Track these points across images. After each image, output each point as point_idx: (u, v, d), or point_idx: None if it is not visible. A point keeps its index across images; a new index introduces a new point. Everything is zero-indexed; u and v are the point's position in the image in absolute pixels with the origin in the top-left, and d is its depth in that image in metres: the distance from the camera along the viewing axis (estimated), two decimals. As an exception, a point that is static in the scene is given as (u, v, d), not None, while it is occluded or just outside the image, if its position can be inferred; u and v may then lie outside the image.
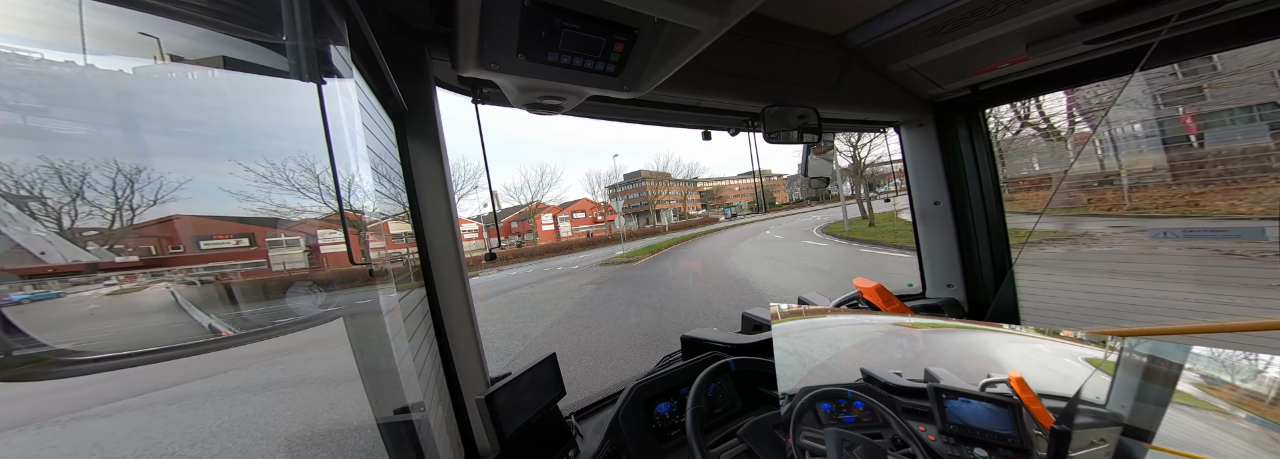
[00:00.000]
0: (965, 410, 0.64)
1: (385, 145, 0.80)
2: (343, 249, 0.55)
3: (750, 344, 1.18)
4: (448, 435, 0.84)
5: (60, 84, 0.58)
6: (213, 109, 0.99)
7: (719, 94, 1.07)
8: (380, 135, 0.78)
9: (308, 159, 1.84)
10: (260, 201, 2.79)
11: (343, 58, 0.57)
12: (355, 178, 0.67)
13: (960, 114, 1.52)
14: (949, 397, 0.65)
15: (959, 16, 0.99)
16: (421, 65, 0.81)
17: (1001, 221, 1.52)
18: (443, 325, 0.84)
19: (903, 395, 0.70)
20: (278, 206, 2.88)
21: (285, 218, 3.17)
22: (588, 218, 40.71)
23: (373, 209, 0.73)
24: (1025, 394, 0.61)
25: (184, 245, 3.21)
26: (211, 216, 3.77)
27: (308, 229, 3.91)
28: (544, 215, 37.15)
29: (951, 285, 1.61)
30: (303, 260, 4.48)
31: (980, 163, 1.52)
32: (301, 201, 2.82)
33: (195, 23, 0.48)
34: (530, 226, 37.12)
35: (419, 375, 0.75)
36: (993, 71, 1.28)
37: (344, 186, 0.55)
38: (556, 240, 33.88)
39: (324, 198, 3.58)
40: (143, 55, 0.50)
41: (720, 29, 0.63)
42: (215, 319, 2.65)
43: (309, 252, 4.44)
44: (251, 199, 2.75)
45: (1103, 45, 1.05)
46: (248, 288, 3.97)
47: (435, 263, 0.84)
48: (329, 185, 0.53)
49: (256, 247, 4.08)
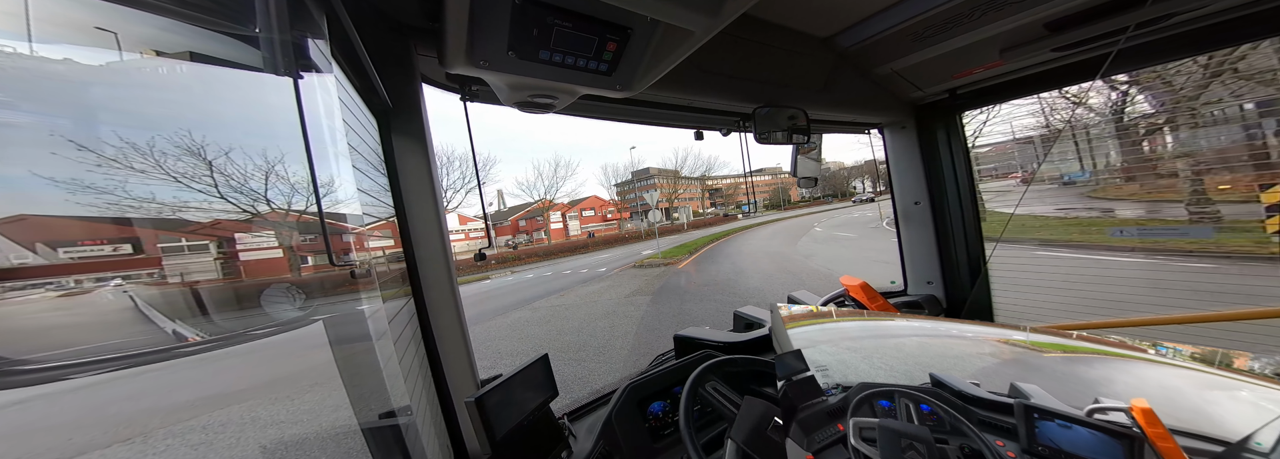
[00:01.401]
0: (1063, 435, 0.57)
1: (368, 143, 0.77)
2: (322, 250, 0.53)
3: (742, 342, 1.20)
4: (436, 439, 0.82)
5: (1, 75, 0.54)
6: (180, 104, 0.94)
7: (711, 94, 1.08)
8: (362, 133, 0.75)
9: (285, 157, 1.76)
10: (233, 201, 2.65)
11: (321, 52, 0.55)
12: (335, 176, 0.64)
13: (940, 117, 1.58)
14: (1042, 417, 0.58)
15: (940, 22, 1.02)
16: (407, 61, 0.78)
17: (976, 221, 1.59)
18: (430, 327, 0.83)
19: (979, 407, 0.64)
20: (252, 206, 2.75)
21: (260, 218, 3.04)
22: (597, 216, 39.42)
23: (355, 209, 0.71)
24: (1153, 428, 0.52)
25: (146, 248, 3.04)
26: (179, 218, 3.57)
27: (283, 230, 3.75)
28: (553, 213, 35.79)
29: (931, 282, 1.67)
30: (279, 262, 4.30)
31: (957, 164, 1.58)
32: (278, 201, 2.69)
33: (161, 13, 0.45)
34: (539, 225, 36.01)
35: (406, 378, 0.73)
36: (970, 76, 1.33)
37: (323, 185, 0.53)
38: (566, 239, 32.74)
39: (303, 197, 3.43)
40: (101, 46, 0.47)
41: (713, 30, 0.63)
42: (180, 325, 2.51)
43: (286, 253, 4.27)
44: (223, 199, 2.62)
45: (1069, 52, 1.10)
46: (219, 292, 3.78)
47: (422, 263, 0.82)
48: (308, 184, 0.51)
49: (227, 249, 3.89)
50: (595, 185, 47.29)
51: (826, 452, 0.63)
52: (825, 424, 0.68)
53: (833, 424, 0.68)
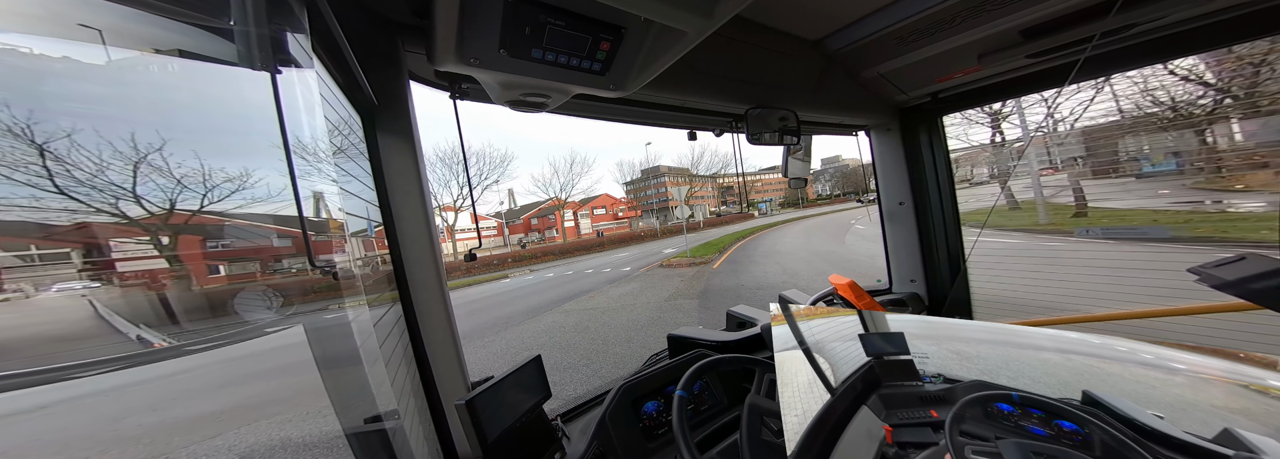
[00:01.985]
0: None
1: (351, 141, 0.75)
2: (300, 250, 0.52)
3: (735, 341, 1.21)
4: (425, 443, 0.81)
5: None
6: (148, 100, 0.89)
7: (704, 95, 1.09)
8: (346, 131, 0.73)
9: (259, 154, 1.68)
10: (205, 199, 2.53)
11: (301, 47, 0.53)
12: (315, 174, 0.62)
13: (922, 120, 1.62)
14: None
15: (923, 27, 1.06)
16: (394, 58, 0.76)
17: (956, 221, 1.65)
18: (418, 329, 0.81)
19: (1163, 445, 0.50)
20: (220, 204, 2.63)
21: (229, 217, 2.90)
22: (608, 214, 38.74)
23: (336, 208, 0.69)
24: None
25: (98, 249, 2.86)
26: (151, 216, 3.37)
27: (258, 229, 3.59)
28: (565, 212, 34.72)
29: (914, 280, 1.72)
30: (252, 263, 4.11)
31: (939, 166, 1.64)
32: (250, 199, 2.57)
33: (133, 4, 0.43)
34: (551, 223, 35.30)
35: (393, 382, 0.71)
36: (950, 80, 1.37)
37: (302, 183, 0.51)
38: (577, 237, 31.87)
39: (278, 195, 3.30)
40: (64, 37, 0.44)
41: (706, 30, 0.63)
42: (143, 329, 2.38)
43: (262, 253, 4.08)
44: (196, 196, 2.49)
45: (1041, 59, 1.15)
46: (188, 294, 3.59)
47: (409, 264, 0.80)
48: (284, 182, 0.49)
49: (196, 249, 3.70)
50: (610, 183, 45.77)
51: (905, 430, 0.62)
52: (913, 405, 0.65)
53: (923, 408, 0.65)
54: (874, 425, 0.65)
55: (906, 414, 0.65)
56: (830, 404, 0.67)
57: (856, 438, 0.64)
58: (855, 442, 0.64)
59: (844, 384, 0.71)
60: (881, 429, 0.64)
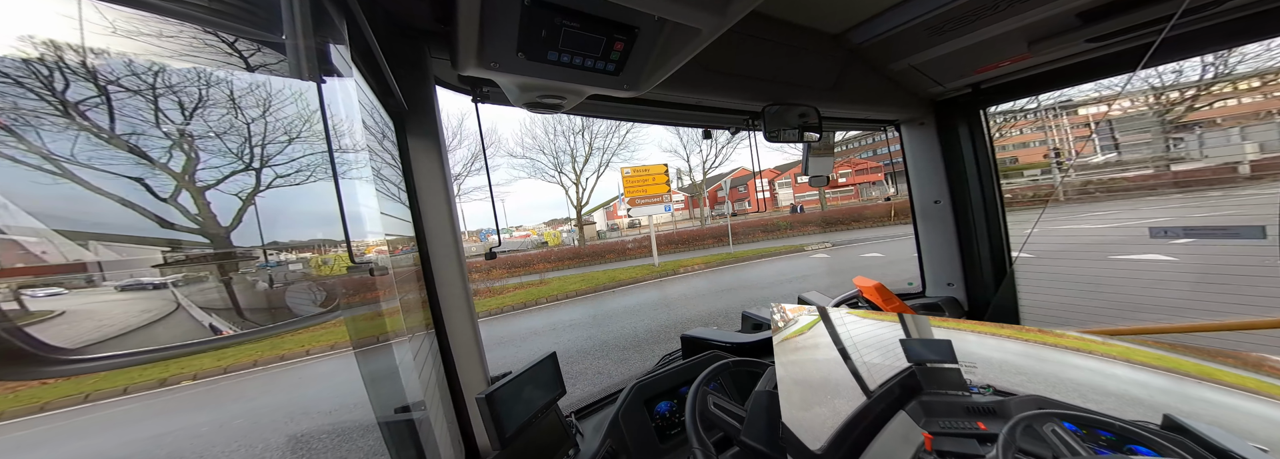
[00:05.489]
0: None
1: (385, 145, 0.80)
2: (343, 250, 0.55)
3: (750, 343, 1.18)
4: (448, 434, 0.84)
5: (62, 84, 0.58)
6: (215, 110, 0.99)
7: (719, 93, 1.07)
8: (380, 135, 0.78)
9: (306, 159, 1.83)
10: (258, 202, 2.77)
11: (342, 57, 0.57)
12: (356, 177, 0.67)
13: (961, 113, 1.52)
14: None
15: (960, 14, 0.99)
16: (421, 64, 0.80)
17: (1001, 220, 1.52)
18: (443, 324, 0.84)
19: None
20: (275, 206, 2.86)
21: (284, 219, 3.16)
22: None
23: (373, 208, 0.73)
24: None
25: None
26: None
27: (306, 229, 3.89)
28: (759, 181, 26.52)
29: (951, 284, 1.61)
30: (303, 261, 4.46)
31: (980, 161, 1.52)
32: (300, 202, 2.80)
33: (194, 22, 0.48)
34: (741, 194, 27.00)
35: (419, 375, 0.75)
36: (994, 70, 1.28)
37: (344, 185, 0.55)
38: (766, 212, 22.29)
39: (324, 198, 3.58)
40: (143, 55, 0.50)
41: (720, 28, 0.63)
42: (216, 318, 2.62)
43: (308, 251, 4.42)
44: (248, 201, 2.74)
45: (1104, 43, 1.05)
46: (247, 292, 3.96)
47: (435, 261, 0.84)
48: (331, 185, 0.53)
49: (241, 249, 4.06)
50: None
51: (946, 440, 0.60)
52: (958, 415, 0.62)
53: (969, 419, 0.62)
54: (912, 431, 0.63)
55: (949, 423, 0.62)
56: (866, 406, 0.65)
57: (891, 441, 0.62)
58: (889, 444, 0.61)
59: (882, 388, 0.68)
60: (920, 435, 0.62)
